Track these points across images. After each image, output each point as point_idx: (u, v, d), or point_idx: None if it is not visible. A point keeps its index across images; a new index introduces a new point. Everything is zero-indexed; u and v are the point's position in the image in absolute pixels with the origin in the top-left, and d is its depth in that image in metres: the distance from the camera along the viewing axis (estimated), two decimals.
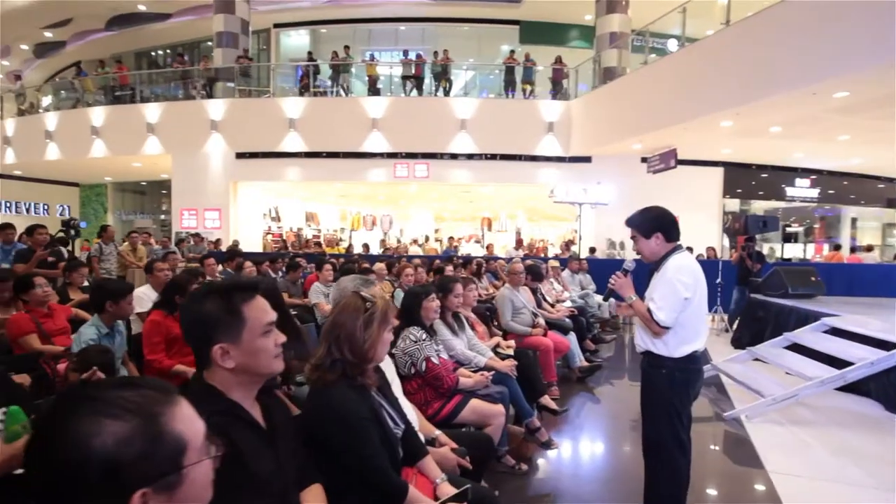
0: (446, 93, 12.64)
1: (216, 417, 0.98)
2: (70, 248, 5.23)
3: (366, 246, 12.81)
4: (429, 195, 14.92)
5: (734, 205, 13.15)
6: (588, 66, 12.09)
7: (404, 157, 12.10)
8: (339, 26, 15.74)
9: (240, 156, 12.34)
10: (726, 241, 12.37)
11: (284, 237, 14.32)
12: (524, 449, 3.10)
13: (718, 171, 12.05)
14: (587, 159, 11.71)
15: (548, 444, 3.09)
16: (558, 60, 12.33)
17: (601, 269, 8.71)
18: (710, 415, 4.29)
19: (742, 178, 12.46)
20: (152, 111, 12.57)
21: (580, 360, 5.05)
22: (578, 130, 11.55)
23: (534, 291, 5.13)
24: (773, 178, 12.65)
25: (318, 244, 13.53)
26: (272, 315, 1.11)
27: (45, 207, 16.31)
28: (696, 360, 2.20)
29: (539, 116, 11.81)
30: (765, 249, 12.79)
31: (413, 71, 12.57)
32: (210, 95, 12.66)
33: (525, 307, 4.60)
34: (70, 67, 17.91)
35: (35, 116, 13.83)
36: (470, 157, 12.04)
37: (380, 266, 5.15)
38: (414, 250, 13.00)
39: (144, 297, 3.55)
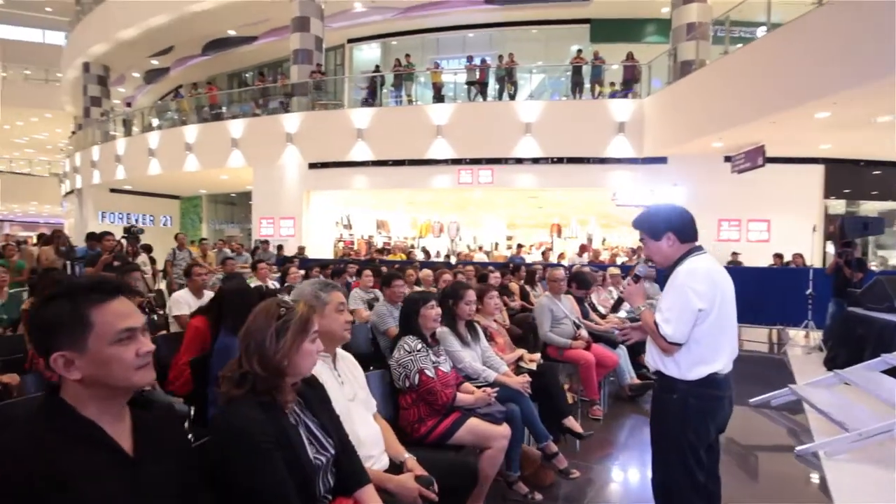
0: (511, 96, 12.41)
1: (49, 436, 0.91)
2: (131, 253, 5.67)
3: (426, 252, 12.84)
4: (495, 201, 14.71)
5: (839, 206, 11.63)
6: (663, 62, 11.31)
7: (468, 163, 12.01)
8: (408, 37, 16.03)
9: (312, 166, 12.91)
10: (831, 248, 10.98)
11: (356, 244, 14.77)
12: (542, 476, 2.82)
13: (818, 169, 10.72)
14: (662, 160, 10.92)
15: (566, 473, 2.78)
16: (629, 57, 11.66)
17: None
18: (781, 447, 3.73)
19: (849, 176, 10.99)
20: (236, 127, 13.52)
21: (631, 377, 4.62)
22: (652, 130, 10.81)
23: (579, 301, 4.77)
24: (887, 176, 11.05)
25: (388, 251, 13.80)
26: (134, 320, 1.00)
27: (151, 218, 18.11)
28: (717, 385, 1.84)
29: (609, 117, 11.21)
30: (875, 257, 11.24)
31: (477, 76, 12.47)
32: (287, 110, 13.39)
33: (567, 317, 4.28)
34: (173, 91, 19.79)
35: (140, 136, 15.41)
36: (535, 161, 11.70)
37: (426, 273, 5.07)
38: (479, 258, 12.84)
39: (182, 300, 3.73)
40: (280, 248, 11.70)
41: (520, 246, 12.43)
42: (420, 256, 12.71)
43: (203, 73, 19.02)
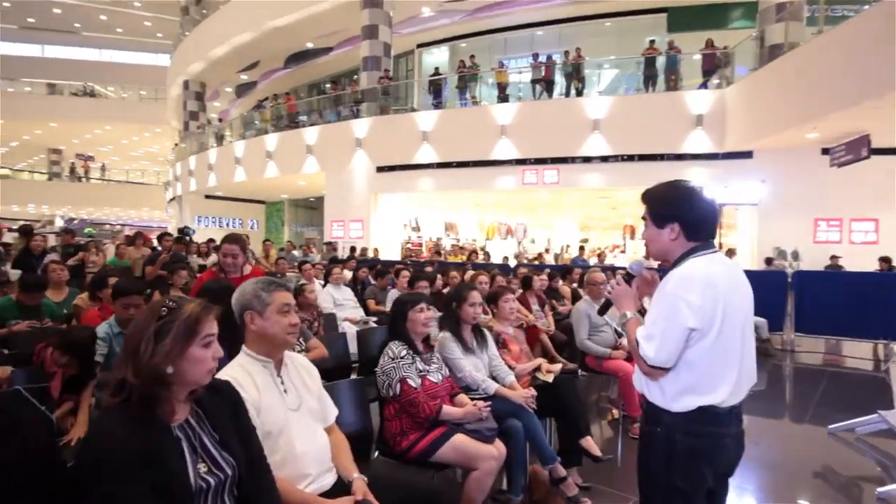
0: (579, 93, 11.91)
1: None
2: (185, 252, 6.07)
3: (486, 254, 12.64)
4: (565, 202, 14.20)
5: None
6: (747, 48, 10.28)
7: (533, 162, 11.69)
8: (476, 39, 15.97)
9: (380, 169, 13.21)
10: None
11: (423, 246, 14.92)
12: (552, 501, 2.58)
13: None
14: (747, 154, 9.93)
15: (574, 501, 2.51)
16: (709, 45, 10.73)
17: (753, 283, 7.24)
18: (860, 485, 3.17)
19: None
20: (311, 134, 14.18)
21: None
22: (735, 121, 9.87)
23: None
24: None
25: (459, 251, 13.79)
26: None
27: (239, 222, 19.51)
28: (714, 420, 1.48)
29: (685, 110, 10.39)
30: None
31: (543, 73, 12.10)
32: (356, 116, 13.83)
33: (607, 324, 3.95)
34: (258, 103, 21.22)
35: (228, 146, 16.65)
36: (604, 159, 11.13)
37: (453, 274, 4.94)
38: (548, 260, 12.44)
39: None
40: (353, 249, 12.09)
41: (582, 248, 11.84)
42: (494, 259, 12.56)
43: (286, 84, 20.20)
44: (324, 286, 5.39)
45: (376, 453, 2.30)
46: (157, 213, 26.35)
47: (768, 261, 9.15)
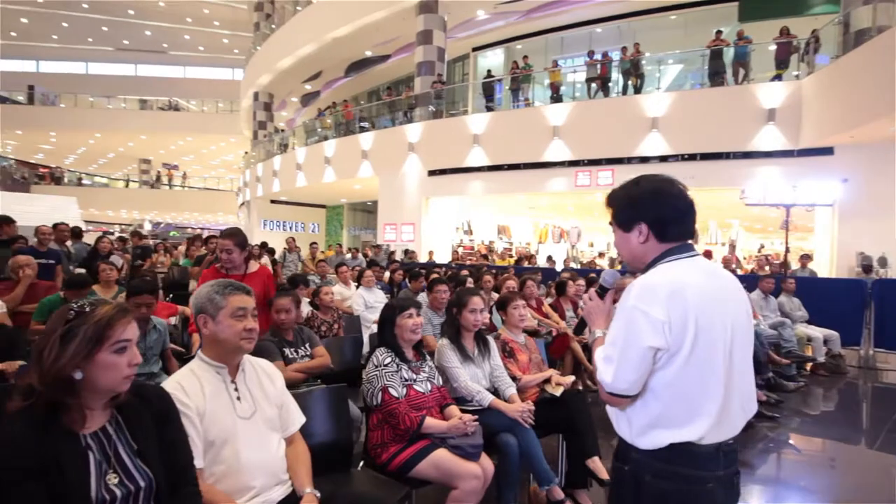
0: (637, 90, 11.35)
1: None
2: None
3: (528, 258, 12.28)
4: None
5: None
6: (829, 34, 9.34)
7: (587, 164, 11.27)
8: (532, 39, 15.69)
9: (431, 173, 13.27)
10: None
11: (476, 249, 14.81)
12: None
13: None
14: (826, 151, 9.01)
15: None
16: (784, 33, 9.87)
17: (826, 292, 6.55)
18: None
19: None
20: (366, 139, 14.52)
21: None
22: (813, 115, 8.99)
23: None
24: None
25: (509, 255, 13.60)
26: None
27: (302, 225, 20.33)
28: (690, 460, 1.23)
29: (755, 104, 9.61)
30: None
31: (598, 71, 11.66)
32: (410, 120, 13.99)
33: None
34: (319, 111, 22.05)
35: (291, 153, 17.40)
36: (663, 159, 10.53)
37: (486, 278, 4.81)
38: (600, 264, 11.95)
39: None
40: (407, 252, 12.22)
41: None
42: (542, 263, 12.24)
43: (347, 92, 20.86)
44: (357, 287, 5.45)
45: (361, 464, 2.24)
46: (231, 217, 28.03)
47: (866, 269, 8.13)
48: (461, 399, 2.44)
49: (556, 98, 12.17)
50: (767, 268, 8.56)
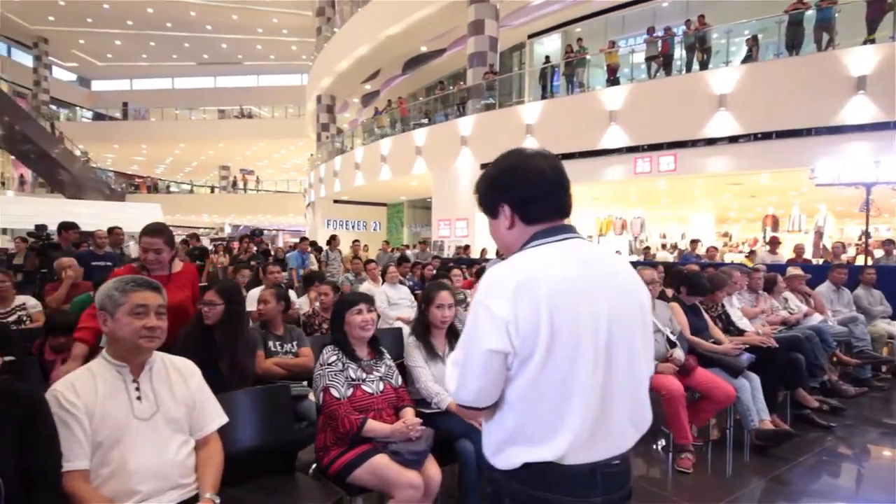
0: (703, 66, 10.41)
1: None
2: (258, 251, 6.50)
3: None
4: (688, 192, 12.57)
5: None
6: None
7: (646, 149, 10.52)
8: (591, 21, 14.92)
9: (483, 166, 12.94)
10: None
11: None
12: None
13: None
14: None
15: None
16: None
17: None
18: None
19: None
20: (420, 136, 14.51)
21: (757, 420, 3.32)
22: None
23: (691, 309, 3.64)
24: None
25: None
26: None
27: (364, 223, 20.79)
28: (550, 483, 1.03)
29: (842, 72, 8.48)
30: None
31: (659, 48, 10.83)
32: (463, 114, 13.80)
33: (659, 332, 3.30)
34: (379, 110, 22.39)
35: (350, 153, 17.81)
36: (733, 139, 9.58)
37: None
38: (662, 257, 11.14)
39: (254, 297, 4.03)
40: (461, 248, 12.10)
41: (693, 242, 10.31)
42: None
43: (406, 89, 21.02)
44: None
45: (313, 468, 2.11)
46: (300, 217, 29.31)
47: None
48: (423, 401, 2.25)
49: (613, 81, 11.46)
50: (852, 252, 7.52)
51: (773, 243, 8.07)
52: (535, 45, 16.71)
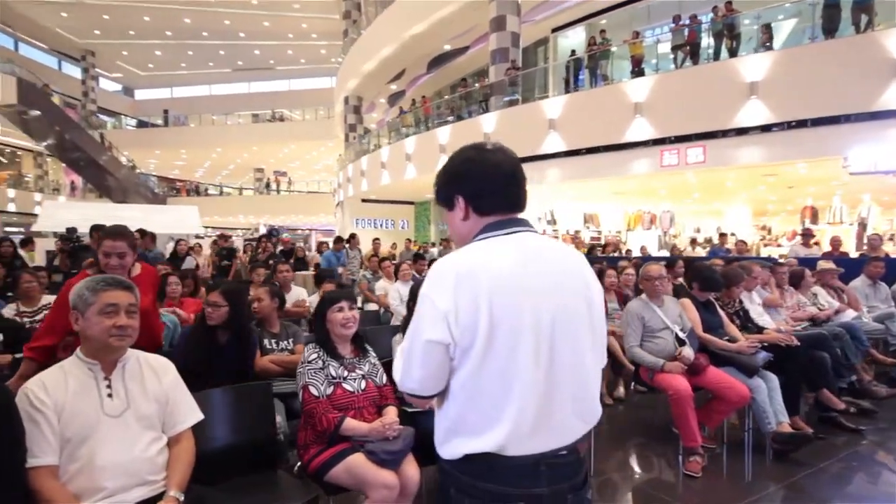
0: (732, 53, 10.01)
1: None
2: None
3: (595, 248, 11.39)
4: (719, 184, 12.12)
5: None
6: None
7: (673, 141, 10.21)
8: (615, 13, 14.56)
9: None
10: None
11: (560, 240, 14.19)
12: None
13: None
14: None
15: None
16: None
17: None
18: None
19: None
20: (443, 133, 14.52)
21: (774, 422, 3.18)
22: None
23: (704, 305, 3.51)
24: None
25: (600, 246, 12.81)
26: None
27: (392, 222, 20.96)
28: (492, 475, 1.03)
29: (883, 54, 8.00)
30: None
31: (686, 37, 10.48)
32: (486, 111, 13.72)
33: (667, 328, 3.20)
34: (404, 109, 22.49)
35: (376, 153, 17.98)
36: (765, 128, 9.19)
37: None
38: (687, 251, 10.79)
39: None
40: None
41: (722, 235, 9.93)
42: (636, 253, 11.41)
43: (431, 88, 21.05)
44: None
45: (298, 465, 2.15)
46: (330, 217, 29.84)
47: None
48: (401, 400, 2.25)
49: (638, 72, 11.17)
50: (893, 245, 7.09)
51: (806, 235, 7.70)
52: (558, 39, 16.44)
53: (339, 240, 7.83)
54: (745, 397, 3.11)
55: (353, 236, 8.45)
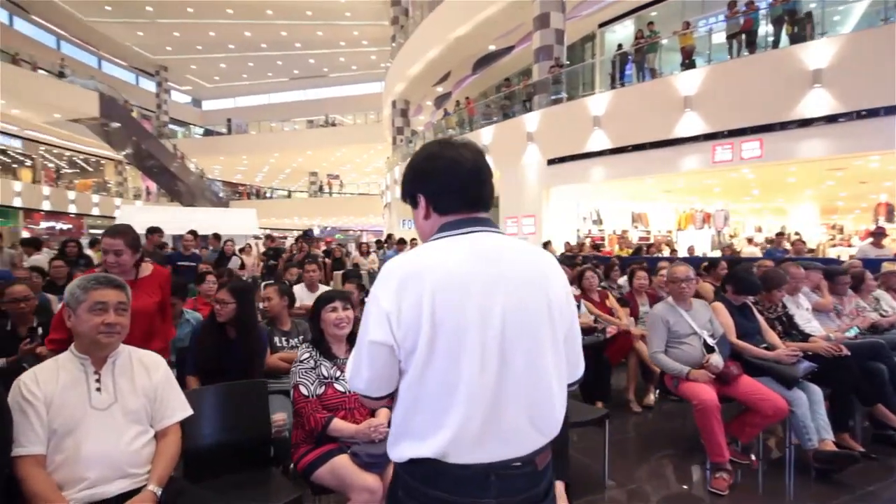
0: (794, 39, 9.33)
1: None
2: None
3: (640, 248, 10.87)
4: (779, 180, 11.34)
5: None
6: None
7: (726, 135, 9.66)
8: (665, 4, 13.96)
9: (550, 162, 12.67)
10: None
11: (607, 240, 13.77)
12: None
13: None
14: None
15: None
16: None
17: None
18: None
19: None
20: (486, 133, 14.45)
21: (816, 439, 2.91)
22: None
23: (739, 310, 3.28)
24: None
25: (649, 246, 12.34)
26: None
27: None
28: (437, 481, 1.00)
29: None
30: None
31: (741, 24, 9.88)
32: (529, 110, 13.53)
33: (694, 334, 3.02)
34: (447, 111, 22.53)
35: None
36: (830, 119, 8.52)
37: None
38: (749, 252, 10.16)
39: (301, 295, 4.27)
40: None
41: (779, 234, 9.23)
42: (682, 253, 10.91)
43: (476, 89, 21.01)
44: None
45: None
46: (379, 218, 30.41)
47: None
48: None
49: (689, 65, 10.64)
50: None
51: (878, 234, 7.06)
52: (606, 34, 15.96)
53: (401, 242, 7.86)
54: (783, 410, 2.86)
55: (390, 237, 8.57)
